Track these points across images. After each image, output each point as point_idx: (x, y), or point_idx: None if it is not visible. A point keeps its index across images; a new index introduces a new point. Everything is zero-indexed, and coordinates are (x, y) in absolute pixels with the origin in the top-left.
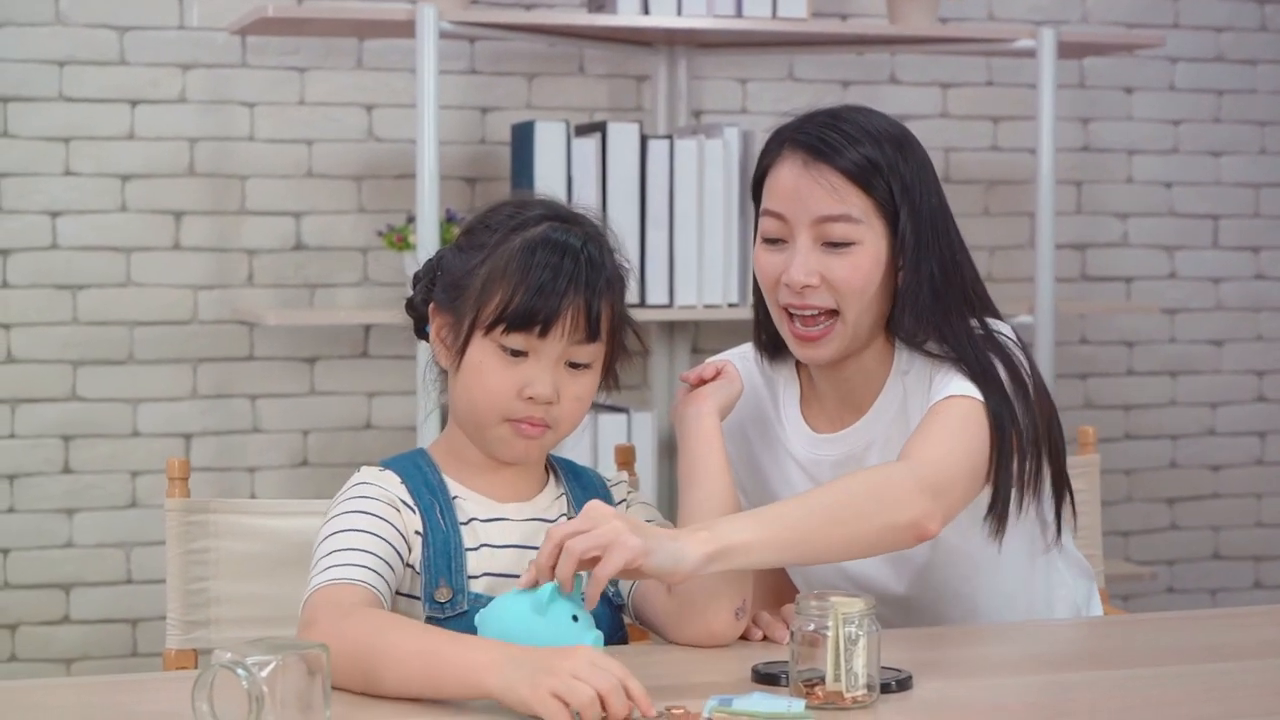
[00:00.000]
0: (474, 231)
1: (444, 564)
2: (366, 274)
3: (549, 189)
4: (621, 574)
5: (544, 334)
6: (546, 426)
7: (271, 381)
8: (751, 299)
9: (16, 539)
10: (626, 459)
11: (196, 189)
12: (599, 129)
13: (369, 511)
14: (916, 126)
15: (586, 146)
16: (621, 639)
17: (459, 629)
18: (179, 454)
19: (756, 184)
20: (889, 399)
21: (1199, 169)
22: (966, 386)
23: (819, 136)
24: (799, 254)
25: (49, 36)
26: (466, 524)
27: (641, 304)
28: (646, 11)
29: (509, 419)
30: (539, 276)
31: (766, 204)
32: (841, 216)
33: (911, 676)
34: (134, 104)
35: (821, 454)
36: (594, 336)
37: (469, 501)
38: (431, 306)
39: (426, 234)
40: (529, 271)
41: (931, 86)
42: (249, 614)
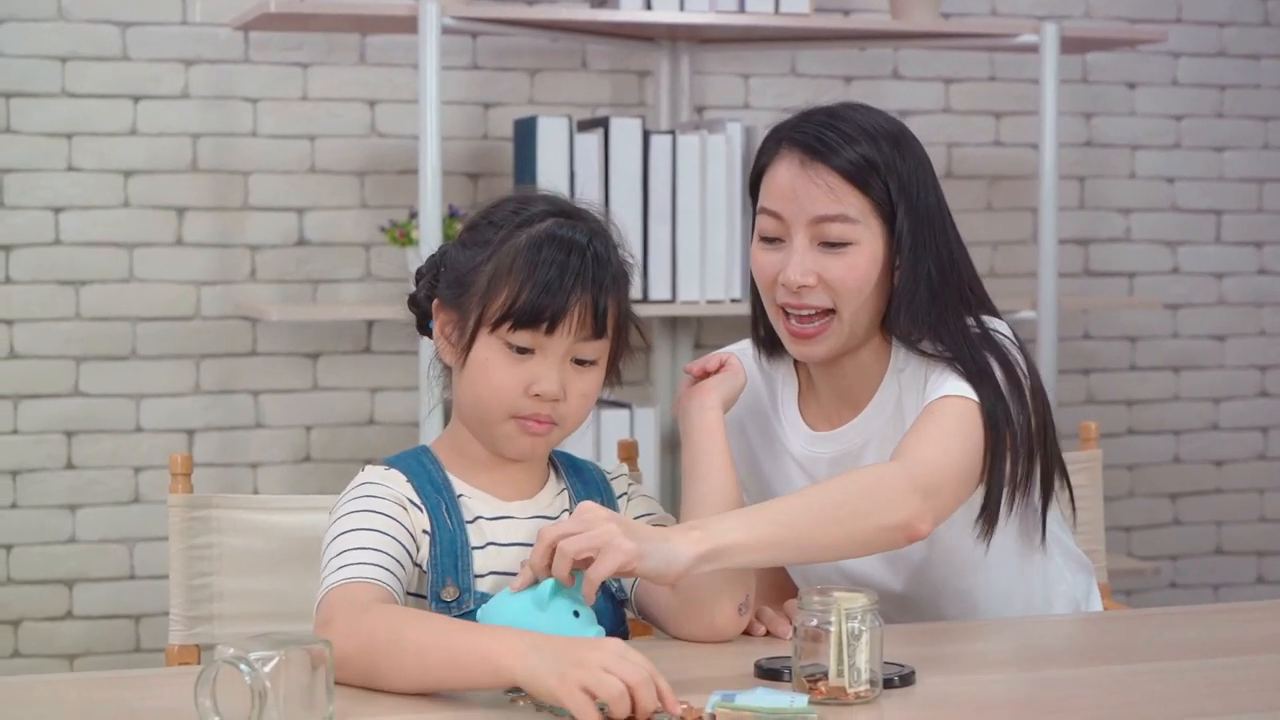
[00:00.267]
0: (478, 227)
1: (450, 563)
2: (369, 269)
3: (552, 184)
4: (614, 576)
5: (551, 331)
6: (553, 423)
7: (274, 377)
8: (750, 295)
9: (19, 534)
10: (629, 454)
11: (199, 184)
12: (601, 124)
13: (378, 511)
14: (919, 122)
15: (589, 142)
16: (623, 634)
17: None
18: (182, 449)
19: (754, 181)
20: (885, 397)
21: (1202, 164)
22: (961, 386)
23: (816, 135)
24: (796, 254)
25: (51, 32)
26: (472, 522)
27: (644, 299)
28: (649, 6)
29: (515, 416)
30: (546, 273)
31: (763, 202)
32: (838, 216)
33: (914, 671)
34: (137, 99)
35: (818, 451)
36: (600, 333)
37: (474, 500)
38: (435, 302)
39: (429, 229)
40: (535, 268)
41: (934, 82)
42: (252, 609)
